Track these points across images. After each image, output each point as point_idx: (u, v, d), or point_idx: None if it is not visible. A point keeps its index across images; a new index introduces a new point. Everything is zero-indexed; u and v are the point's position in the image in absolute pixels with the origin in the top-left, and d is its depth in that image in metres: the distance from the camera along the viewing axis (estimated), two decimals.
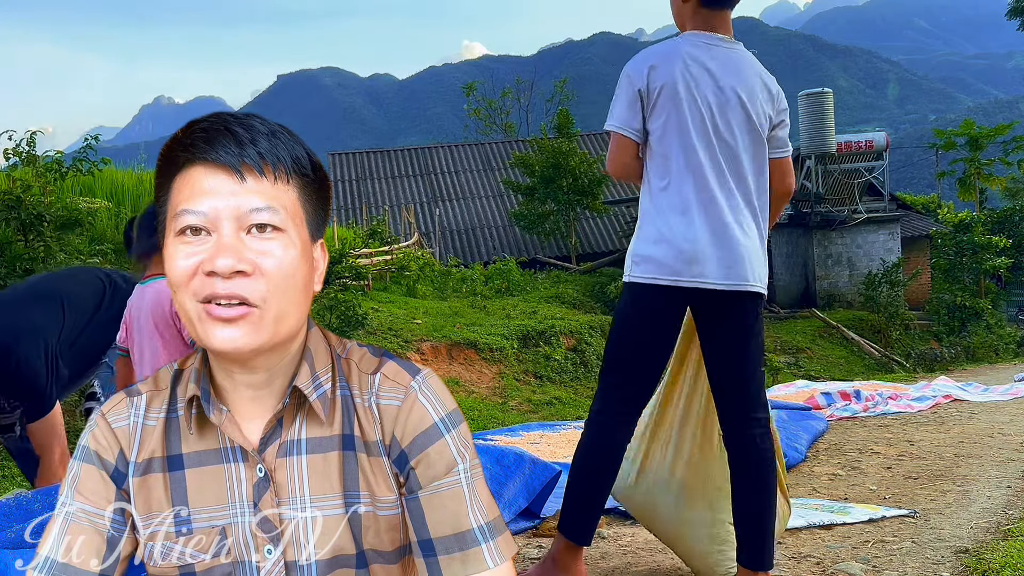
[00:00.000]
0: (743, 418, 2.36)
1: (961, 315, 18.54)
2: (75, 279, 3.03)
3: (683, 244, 2.30)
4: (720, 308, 2.34)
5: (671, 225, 2.32)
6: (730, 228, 2.31)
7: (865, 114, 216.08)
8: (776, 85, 2.49)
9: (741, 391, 2.36)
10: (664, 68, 2.35)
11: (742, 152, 2.37)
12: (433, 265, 17.02)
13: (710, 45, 2.40)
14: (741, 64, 2.41)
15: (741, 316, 2.34)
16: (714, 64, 2.37)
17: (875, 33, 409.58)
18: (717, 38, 2.41)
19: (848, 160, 21.96)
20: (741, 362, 2.36)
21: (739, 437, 2.37)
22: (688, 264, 2.29)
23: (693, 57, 2.36)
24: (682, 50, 2.38)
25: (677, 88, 2.34)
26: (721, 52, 2.39)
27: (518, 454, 3.29)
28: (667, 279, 2.31)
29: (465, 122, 23.32)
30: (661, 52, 2.40)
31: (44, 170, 7.32)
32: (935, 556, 2.78)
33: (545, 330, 11.53)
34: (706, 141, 2.35)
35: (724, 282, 2.29)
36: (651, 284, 2.34)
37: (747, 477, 2.36)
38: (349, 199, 25.42)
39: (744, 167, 2.37)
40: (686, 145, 2.34)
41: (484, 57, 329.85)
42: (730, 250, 2.30)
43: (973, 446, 4.67)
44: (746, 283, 2.31)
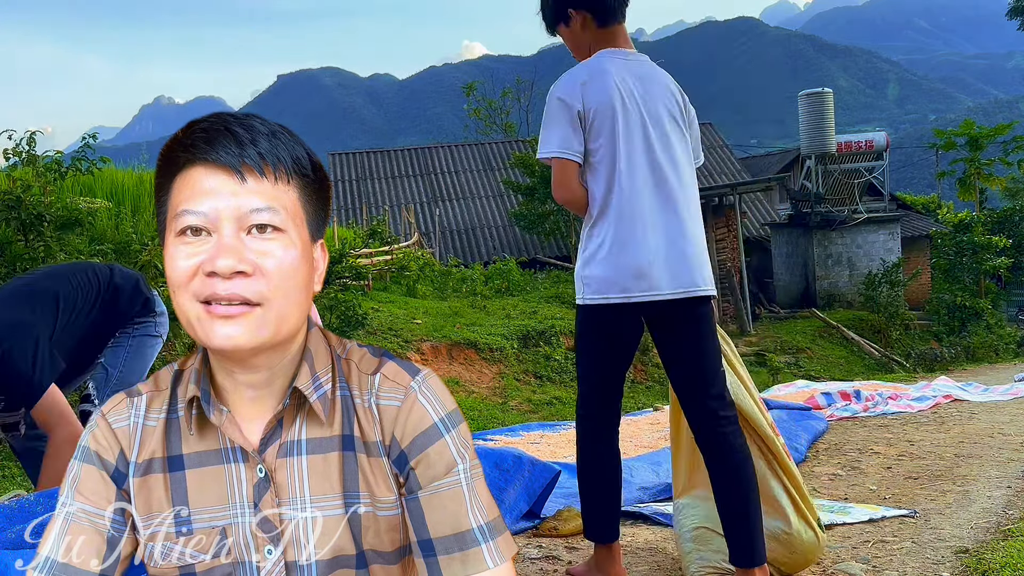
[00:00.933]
0: (712, 418, 2.39)
1: (961, 315, 18.55)
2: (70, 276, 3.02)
3: (631, 260, 2.34)
4: (673, 316, 2.39)
5: (618, 242, 2.36)
6: (676, 238, 2.37)
7: (865, 114, 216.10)
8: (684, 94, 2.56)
9: (706, 393, 2.39)
10: (596, 86, 2.37)
11: (679, 160, 2.43)
12: (433, 265, 17.02)
13: (627, 60, 2.44)
14: (656, 75, 2.48)
15: (695, 321, 2.39)
16: (637, 77, 2.41)
17: (875, 33, 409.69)
18: (629, 53, 2.47)
19: (848, 160, 21.98)
20: (702, 365, 2.39)
21: (711, 437, 2.39)
22: (636, 279, 2.33)
23: (618, 72, 2.39)
24: (607, 66, 2.40)
25: (613, 105, 2.36)
26: (636, 66, 2.44)
27: (517, 456, 3.28)
28: (618, 297, 2.36)
29: (465, 122, 23.32)
30: (589, 70, 2.41)
31: (44, 170, 7.31)
32: (935, 556, 2.78)
33: (545, 330, 11.53)
34: (648, 155, 2.38)
35: (674, 291, 2.35)
36: (603, 304, 2.38)
37: (725, 475, 2.38)
38: (349, 199, 25.42)
39: (683, 175, 2.43)
40: (628, 161, 2.37)
41: (484, 57, 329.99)
42: (677, 260, 2.36)
43: (973, 446, 4.67)
44: (695, 288, 2.37)
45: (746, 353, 14.78)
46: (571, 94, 2.36)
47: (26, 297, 2.83)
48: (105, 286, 3.06)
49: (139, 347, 3.18)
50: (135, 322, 3.17)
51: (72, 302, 2.93)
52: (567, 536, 3.12)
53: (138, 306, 3.15)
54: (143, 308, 3.17)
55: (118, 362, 3.12)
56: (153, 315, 3.21)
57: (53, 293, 2.89)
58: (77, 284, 2.99)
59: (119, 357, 3.12)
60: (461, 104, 24.31)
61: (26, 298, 2.82)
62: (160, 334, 3.25)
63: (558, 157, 2.36)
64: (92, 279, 3.04)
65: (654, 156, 2.38)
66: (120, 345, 3.14)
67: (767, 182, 20.25)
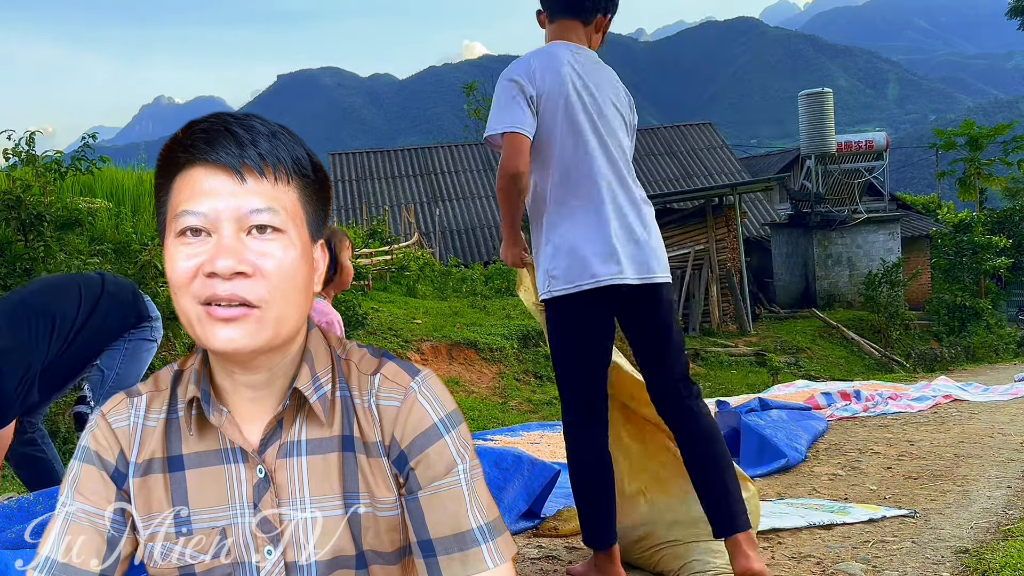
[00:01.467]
0: (674, 391, 2.45)
1: (961, 315, 18.55)
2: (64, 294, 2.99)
3: (596, 247, 2.36)
4: (637, 302, 2.43)
5: (580, 231, 2.38)
6: (633, 225, 2.41)
7: (865, 114, 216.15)
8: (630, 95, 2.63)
9: (671, 373, 2.46)
10: (548, 71, 2.41)
11: (627, 152, 2.49)
12: (433, 265, 17.01)
13: (576, 51, 2.49)
14: (604, 69, 2.54)
15: (658, 305, 2.44)
16: (586, 69, 2.47)
17: (875, 33, 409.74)
18: (579, 47, 2.52)
19: (848, 160, 21.98)
20: (666, 348, 2.46)
21: (676, 408, 2.45)
22: (604, 264, 2.36)
23: (570, 60, 2.45)
24: (560, 54, 2.45)
25: (565, 91, 2.40)
26: (584, 56, 2.50)
27: (516, 456, 3.29)
28: (589, 283, 2.37)
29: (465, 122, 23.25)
30: (541, 56, 2.46)
31: (44, 170, 7.30)
32: (935, 556, 2.78)
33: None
34: (600, 143, 2.43)
35: (637, 277, 2.38)
36: (573, 294, 2.39)
37: (695, 445, 2.42)
38: (349, 199, 25.41)
39: (629, 165, 2.48)
40: (582, 148, 2.40)
41: (484, 57, 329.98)
42: (636, 246, 2.40)
43: (973, 446, 4.67)
44: (655, 275, 2.41)
45: (746, 353, 14.79)
46: (524, 76, 2.40)
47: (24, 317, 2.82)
48: (97, 298, 3.05)
49: (135, 350, 3.18)
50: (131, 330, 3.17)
51: (67, 319, 2.93)
52: (567, 536, 3.12)
53: (132, 317, 3.15)
54: (136, 319, 3.17)
55: (114, 364, 3.12)
56: (148, 321, 3.21)
57: (50, 312, 2.88)
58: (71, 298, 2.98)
59: (115, 359, 3.12)
60: (461, 104, 24.24)
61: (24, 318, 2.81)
62: (155, 339, 3.26)
63: (512, 131, 2.34)
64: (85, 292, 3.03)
65: (605, 144, 2.43)
66: (116, 348, 3.14)
67: (767, 182, 20.24)
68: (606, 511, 2.49)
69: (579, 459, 2.50)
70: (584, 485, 2.50)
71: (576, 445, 2.50)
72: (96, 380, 3.10)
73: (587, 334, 2.44)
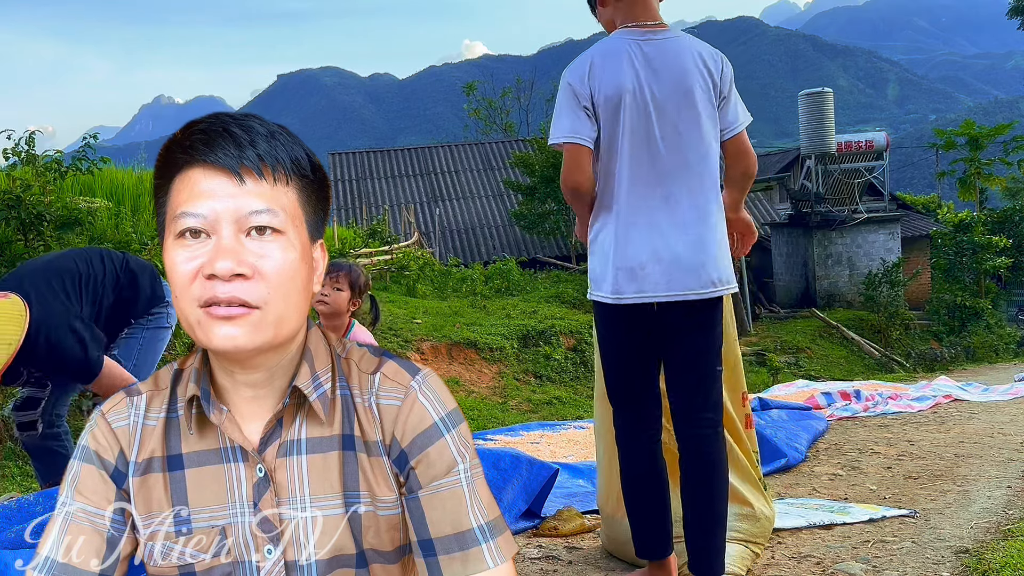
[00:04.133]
0: (694, 418, 2.33)
1: (961, 315, 18.56)
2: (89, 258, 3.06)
3: (623, 261, 2.27)
4: (667, 320, 2.31)
5: (613, 241, 2.29)
6: (673, 241, 2.26)
7: (865, 114, 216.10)
8: (718, 56, 2.39)
9: (692, 392, 2.33)
10: (606, 72, 2.28)
11: (689, 149, 2.30)
12: (433, 265, 17.01)
13: (643, 40, 2.32)
14: (678, 49, 2.33)
15: (689, 327, 2.30)
16: (652, 58, 2.29)
17: (875, 33, 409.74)
18: (648, 30, 2.34)
19: (848, 160, 21.99)
20: (693, 371, 2.32)
21: (688, 436, 2.34)
22: (628, 281, 2.27)
23: (632, 55, 2.29)
24: (621, 49, 2.30)
25: (621, 94, 2.27)
26: (656, 44, 2.31)
27: (515, 456, 3.28)
28: (610, 298, 2.30)
29: (465, 122, 23.28)
30: (602, 54, 2.31)
31: (44, 169, 7.31)
32: (935, 556, 2.78)
33: (545, 330, 11.52)
34: (651, 147, 2.28)
35: (668, 294, 2.26)
36: (605, 303, 2.33)
37: (696, 479, 2.31)
38: (349, 199, 25.41)
39: (692, 164, 2.30)
40: (631, 156, 2.28)
41: (484, 57, 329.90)
42: (671, 263, 2.26)
43: (973, 446, 4.67)
44: (689, 291, 2.26)
45: (746, 353, 14.79)
46: (580, 80, 2.29)
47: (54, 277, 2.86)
48: (121, 269, 3.10)
49: (151, 340, 3.20)
50: (149, 313, 3.19)
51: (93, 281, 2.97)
52: (567, 536, 3.12)
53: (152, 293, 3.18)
54: (154, 297, 3.19)
55: (131, 355, 3.14)
56: (164, 304, 3.22)
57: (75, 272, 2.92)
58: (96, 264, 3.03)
59: (132, 349, 3.14)
60: (461, 104, 24.31)
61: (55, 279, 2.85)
62: (170, 324, 3.28)
63: (569, 142, 2.27)
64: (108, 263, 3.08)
65: (657, 151, 2.28)
66: (133, 337, 3.16)
67: (767, 182, 20.26)
68: (657, 518, 2.38)
69: (625, 464, 2.41)
70: (630, 490, 2.40)
71: (622, 449, 2.41)
72: None
73: (620, 336, 2.37)
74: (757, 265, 23.15)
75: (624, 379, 2.40)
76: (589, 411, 7.50)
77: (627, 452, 2.41)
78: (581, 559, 2.86)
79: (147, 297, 3.16)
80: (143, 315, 3.17)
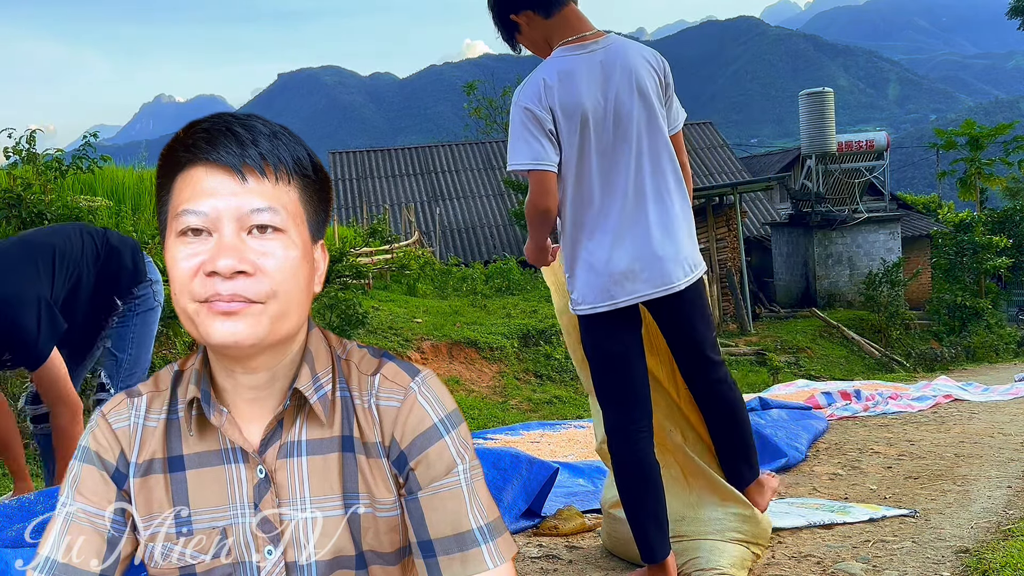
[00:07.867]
0: (704, 368, 2.53)
1: (961, 315, 18.54)
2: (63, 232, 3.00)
3: (611, 269, 2.33)
4: (660, 307, 2.45)
5: (595, 254, 2.34)
6: (652, 239, 2.34)
7: (865, 114, 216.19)
8: (658, 56, 2.44)
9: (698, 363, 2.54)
10: (561, 91, 2.29)
11: (646, 151, 2.35)
12: (433, 264, 17.02)
13: (589, 52, 2.34)
14: (626, 54, 2.35)
15: (679, 308, 2.45)
16: (596, 68, 2.32)
17: (875, 33, 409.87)
18: (591, 40, 2.35)
19: (848, 160, 21.99)
20: (694, 338, 2.51)
21: (704, 384, 2.55)
22: (619, 284, 2.34)
23: (586, 69, 2.31)
24: (573, 66, 2.31)
25: (581, 112, 2.29)
26: (598, 56, 2.34)
27: (514, 455, 3.28)
28: (605, 305, 2.35)
29: (466, 121, 23.26)
30: (555, 74, 2.31)
31: (44, 168, 7.31)
32: (935, 556, 2.78)
33: (545, 329, 11.53)
34: (620, 156, 2.32)
35: (655, 290, 2.36)
36: (594, 314, 2.38)
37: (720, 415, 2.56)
38: (349, 198, 25.42)
39: (652, 162, 2.36)
40: (600, 169, 2.32)
41: (485, 56, 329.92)
42: (651, 263, 2.34)
43: (973, 446, 4.67)
44: (672, 285, 2.38)
45: (746, 352, 14.80)
46: (536, 103, 2.28)
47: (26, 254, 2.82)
48: (101, 244, 3.06)
49: (142, 325, 3.17)
50: (134, 295, 3.15)
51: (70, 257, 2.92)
52: (567, 535, 3.12)
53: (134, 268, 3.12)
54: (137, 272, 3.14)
55: (126, 346, 3.11)
56: (149, 283, 3.19)
57: (50, 248, 2.88)
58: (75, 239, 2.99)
59: (125, 340, 3.12)
60: (462, 103, 24.23)
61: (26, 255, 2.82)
62: (158, 303, 3.24)
63: (536, 168, 2.28)
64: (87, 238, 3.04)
65: (627, 159, 2.32)
66: (125, 327, 3.13)
67: (767, 181, 20.25)
68: (654, 519, 2.40)
69: (620, 467, 2.44)
70: (626, 492, 2.43)
71: (617, 450, 2.44)
72: (111, 367, 3.10)
73: (613, 348, 2.43)
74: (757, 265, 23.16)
75: (619, 381, 2.45)
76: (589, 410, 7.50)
77: (622, 455, 2.43)
78: (581, 558, 2.86)
79: (129, 272, 3.10)
80: (127, 294, 3.11)
